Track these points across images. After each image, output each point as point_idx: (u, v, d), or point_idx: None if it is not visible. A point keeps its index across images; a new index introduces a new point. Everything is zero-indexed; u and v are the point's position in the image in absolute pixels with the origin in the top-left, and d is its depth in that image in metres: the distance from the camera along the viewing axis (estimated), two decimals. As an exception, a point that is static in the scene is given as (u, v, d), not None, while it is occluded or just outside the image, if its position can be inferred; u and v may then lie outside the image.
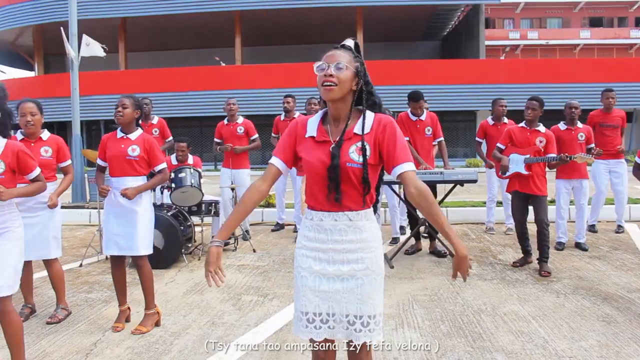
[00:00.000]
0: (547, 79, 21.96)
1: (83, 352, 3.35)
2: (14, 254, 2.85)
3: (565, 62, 27.35)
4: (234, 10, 24.08)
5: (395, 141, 1.98)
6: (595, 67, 23.91)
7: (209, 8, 23.86)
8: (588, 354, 3.20)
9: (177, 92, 22.79)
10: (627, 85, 21.49)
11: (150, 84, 23.37)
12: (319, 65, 1.97)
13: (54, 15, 24.92)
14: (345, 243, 1.99)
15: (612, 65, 24.98)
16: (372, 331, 2.01)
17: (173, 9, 24.00)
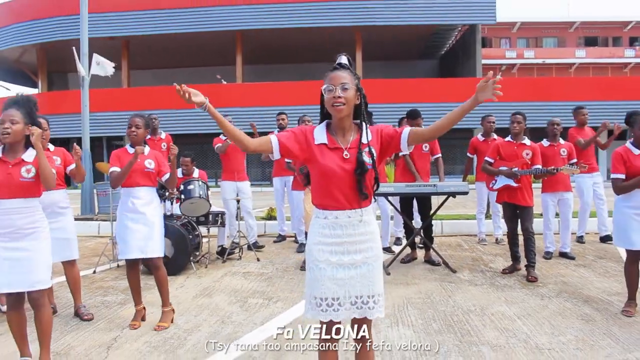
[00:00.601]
0: (541, 97, 22.46)
1: (104, 346, 3.66)
2: (45, 251, 3.18)
3: (558, 80, 27.84)
4: (235, 29, 24.66)
5: (389, 130, 2.39)
6: (588, 85, 24.46)
7: (210, 28, 24.45)
8: (565, 346, 3.52)
9: (179, 110, 23.19)
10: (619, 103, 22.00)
11: (153, 101, 23.84)
12: (326, 87, 2.31)
13: (58, 34, 25.52)
14: (358, 236, 2.34)
15: (606, 83, 25.44)
16: (381, 307, 2.38)
17: (175, 28, 24.56)
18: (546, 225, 6.38)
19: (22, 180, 3.07)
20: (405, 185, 5.83)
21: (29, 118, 3.10)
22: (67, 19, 25.29)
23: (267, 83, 24.77)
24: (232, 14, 24.31)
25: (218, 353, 3.49)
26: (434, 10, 23.92)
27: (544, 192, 6.32)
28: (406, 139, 2.35)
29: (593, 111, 15.68)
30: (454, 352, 3.46)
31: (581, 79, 31.57)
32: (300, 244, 6.99)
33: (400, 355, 3.40)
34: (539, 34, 41.05)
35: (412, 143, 2.37)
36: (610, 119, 7.50)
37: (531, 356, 3.37)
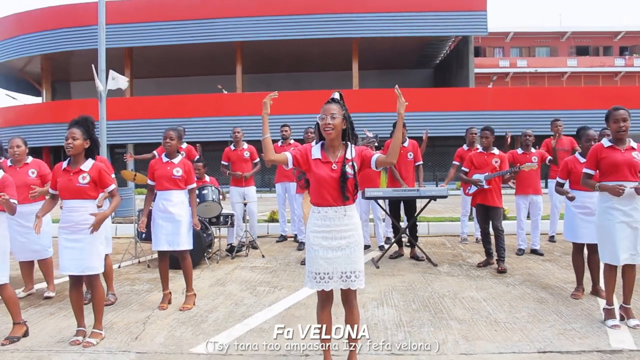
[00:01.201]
0: (532, 106, 23.33)
1: (141, 321, 4.44)
2: (98, 243, 3.97)
3: (548, 90, 28.77)
4: (235, 41, 25.52)
5: (367, 152, 3.20)
6: (577, 94, 25.36)
7: (211, 39, 25.28)
8: (518, 320, 4.32)
9: (182, 118, 23.88)
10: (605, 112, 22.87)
11: (157, 110, 24.70)
12: (320, 116, 3.13)
13: (63, 45, 26.36)
14: (342, 226, 3.13)
15: (595, 92, 26.35)
16: (361, 280, 3.17)
17: (177, 39, 25.36)
18: (519, 225, 7.20)
19: (78, 185, 3.87)
20: (392, 190, 6.65)
21: (87, 134, 3.90)
22: (71, 31, 26.16)
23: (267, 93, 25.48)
24: (233, 26, 25.15)
25: (237, 325, 4.29)
26: (427, 22, 24.81)
27: (516, 194, 7.14)
28: (374, 162, 3.18)
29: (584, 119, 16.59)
30: (427, 324, 4.26)
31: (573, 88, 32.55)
32: (300, 242, 7.78)
33: (383, 326, 4.21)
34: (531, 44, 42.01)
35: (379, 165, 3.19)
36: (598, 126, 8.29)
37: (490, 327, 4.17)
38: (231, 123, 23.83)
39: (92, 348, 3.83)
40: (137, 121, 25.17)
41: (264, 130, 3.23)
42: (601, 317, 4.29)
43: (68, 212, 3.87)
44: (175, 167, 4.83)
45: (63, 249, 3.90)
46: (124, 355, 3.71)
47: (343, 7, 24.86)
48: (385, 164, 3.26)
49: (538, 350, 3.67)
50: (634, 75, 40.52)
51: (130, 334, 4.14)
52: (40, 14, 27.07)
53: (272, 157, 3.20)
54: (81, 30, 26.23)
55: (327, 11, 24.86)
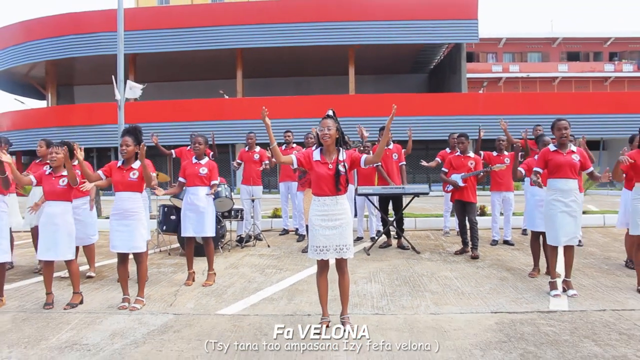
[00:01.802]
0: (520, 110, 24.36)
1: (172, 294, 5.42)
2: (142, 228, 4.94)
3: (535, 95, 29.93)
4: (236, 47, 26.51)
5: (356, 155, 4.17)
6: (565, 100, 26.44)
7: (213, 46, 26.25)
8: (481, 292, 5.30)
9: (185, 122, 24.81)
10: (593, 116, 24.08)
11: (160, 114, 25.63)
12: (319, 128, 4.11)
13: (69, 51, 27.30)
14: (336, 211, 4.10)
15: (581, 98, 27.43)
16: (350, 251, 4.14)
17: (180, 46, 26.32)
18: (493, 219, 8.20)
19: (129, 179, 4.85)
20: (382, 187, 7.65)
21: (137, 141, 4.88)
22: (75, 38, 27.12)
23: (267, 98, 26.55)
24: (234, 34, 26.14)
25: (251, 296, 5.27)
26: (421, 30, 25.83)
27: (491, 191, 8.15)
28: (364, 161, 4.17)
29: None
30: (406, 295, 5.24)
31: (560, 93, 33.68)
32: (301, 235, 8.75)
33: (370, 296, 5.19)
34: (523, 49, 43.10)
35: (367, 164, 4.18)
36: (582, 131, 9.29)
37: (456, 297, 5.15)
38: (232, 127, 24.94)
39: (137, 311, 4.80)
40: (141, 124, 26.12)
41: (270, 140, 4.21)
42: (548, 289, 5.28)
43: (120, 202, 4.85)
44: (202, 167, 5.83)
45: (114, 232, 4.88)
46: (164, 316, 4.67)
47: (339, 16, 25.88)
48: (372, 163, 4.25)
49: (491, 311, 4.66)
50: (623, 80, 41.61)
51: (165, 302, 5.11)
52: (46, 22, 28.01)
53: (281, 159, 4.19)
54: (85, 38, 27.20)
55: (324, 19, 25.88)
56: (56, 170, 5.02)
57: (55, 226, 4.88)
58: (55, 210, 4.93)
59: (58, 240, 4.88)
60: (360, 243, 8.37)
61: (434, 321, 4.41)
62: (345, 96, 26.85)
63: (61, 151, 4.93)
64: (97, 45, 26.84)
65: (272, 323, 4.32)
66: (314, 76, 31.91)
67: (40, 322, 4.55)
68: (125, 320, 4.57)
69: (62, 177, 4.98)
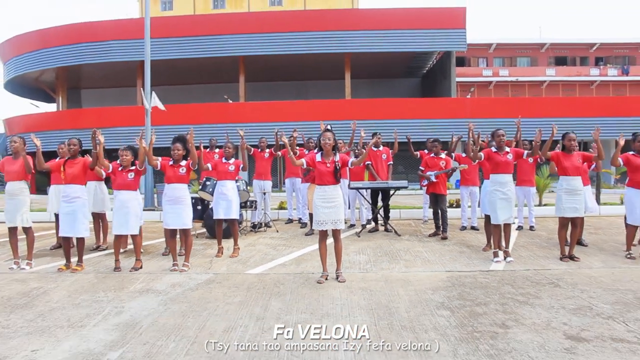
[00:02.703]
0: (505, 114, 26.07)
1: (207, 262, 7.12)
2: (188, 210, 6.64)
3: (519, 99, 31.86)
4: (239, 55, 28.21)
5: (346, 158, 5.89)
6: (548, 104, 28.25)
7: (217, 53, 27.94)
8: (441, 260, 7.03)
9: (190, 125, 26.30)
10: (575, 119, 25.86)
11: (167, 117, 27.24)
12: (322, 139, 5.83)
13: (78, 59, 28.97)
14: (333, 195, 5.82)
15: (564, 103, 29.26)
16: (342, 224, 5.86)
17: (187, 54, 27.99)
18: (462, 208, 9.94)
19: (179, 174, 6.57)
20: (369, 182, 9.39)
21: (184, 146, 6.59)
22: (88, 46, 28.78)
23: (268, 102, 28.27)
24: (236, 42, 27.83)
25: (268, 263, 6.98)
26: (412, 39, 27.59)
27: (460, 185, 9.89)
28: (350, 163, 5.88)
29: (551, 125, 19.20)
30: (385, 262, 6.97)
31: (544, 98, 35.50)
32: (303, 223, 10.46)
33: (358, 263, 6.92)
34: (513, 54, 44.94)
35: (352, 165, 5.91)
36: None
37: (422, 263, 6.88)
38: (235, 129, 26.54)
39: (185, 272, 6.50)
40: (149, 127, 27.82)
41: (290, 152, 5.95)
42: (492, 258, 7.00)
43: (171, 191, 6.56)
44: (230, 165, 7.55)
45: (168, 214, 6.58)
46: (206, 275, 6.38)
47: (336, 25, 27.60)
48: (356, 165, 5.98)
49: (446, 270, 6.39)
50: (608, 84, 43.51)
51: (204, 267, 6.83)
52: (59, 30, 29.67)
53: (296, 163, 5.96)
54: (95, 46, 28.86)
55: (322, 29, 27.58)
56: (125, 167, 6.72)
57: (127, 209, 6.59)
58: (126, 197, 6.64)
59: (129, 219, 6.59)
60: (352, 229, 10.08)
61: (403, 276, 6.14)
62: (342, 101, 28.54)
63: (129, 154, 6.64)
64: (106, 53, 28.55)
65: (287, 278, 6.05)
66: (311, 80, 33.65)
67: (117, 278, 6.26)
68: (179, 277, 6.29)
69: (130, 172, 6.67)
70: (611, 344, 3.86)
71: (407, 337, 4.05)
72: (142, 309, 4.97)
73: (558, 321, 4.41)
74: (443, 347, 3.84)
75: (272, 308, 4.89)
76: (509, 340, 3.96)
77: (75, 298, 5.42)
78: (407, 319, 4.50)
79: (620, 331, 4.14)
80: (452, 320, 4.45)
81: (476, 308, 4.81)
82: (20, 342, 4.11)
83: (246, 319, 4.58)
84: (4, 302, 5.31)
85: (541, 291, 5.39)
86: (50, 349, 3.94)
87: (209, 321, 4.53)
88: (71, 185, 6.71)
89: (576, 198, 6.85)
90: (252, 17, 29.39)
